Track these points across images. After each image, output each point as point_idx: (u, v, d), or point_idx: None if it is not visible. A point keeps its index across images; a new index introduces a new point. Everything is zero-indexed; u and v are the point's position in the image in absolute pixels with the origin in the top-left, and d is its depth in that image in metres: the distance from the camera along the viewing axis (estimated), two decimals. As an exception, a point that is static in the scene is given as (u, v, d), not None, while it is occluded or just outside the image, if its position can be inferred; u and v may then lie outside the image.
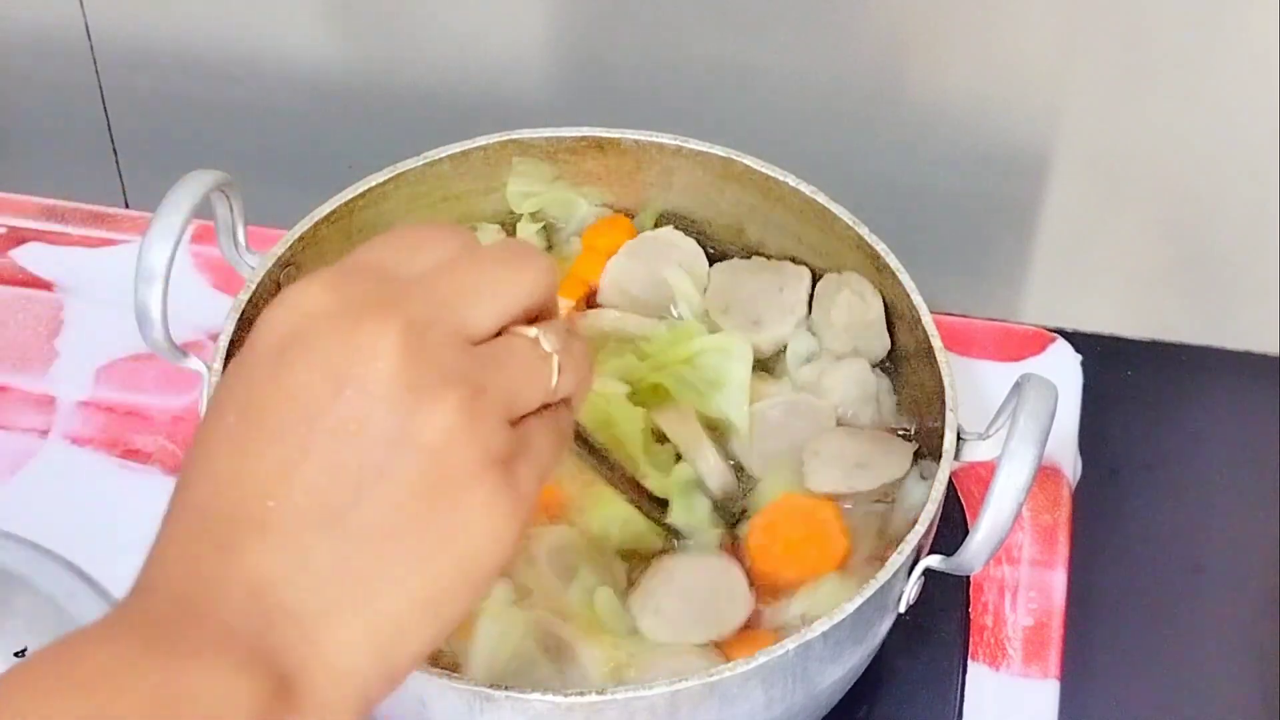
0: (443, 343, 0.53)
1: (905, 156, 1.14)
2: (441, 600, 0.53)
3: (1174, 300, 1.17)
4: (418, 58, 1.16)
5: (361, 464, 0.52)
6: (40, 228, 1.04)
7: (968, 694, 0.87)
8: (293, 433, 0.52)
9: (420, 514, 0.52)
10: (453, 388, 0.52)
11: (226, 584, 0.52)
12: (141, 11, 1.17)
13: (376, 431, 0.52)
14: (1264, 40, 1.02)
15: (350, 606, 0.52)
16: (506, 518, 0.54)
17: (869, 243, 0.84)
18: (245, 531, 0.52)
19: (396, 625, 0.53)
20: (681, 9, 1.10)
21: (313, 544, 0.52)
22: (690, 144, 0.87)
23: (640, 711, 0.70)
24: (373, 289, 0.54)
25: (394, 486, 0.52)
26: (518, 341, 0.55)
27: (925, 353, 0.81)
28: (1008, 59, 1.08)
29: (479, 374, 0.53)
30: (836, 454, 0.82)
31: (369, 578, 0.52)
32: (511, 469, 0.54)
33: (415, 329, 0.52)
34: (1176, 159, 1.10)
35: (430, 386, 0.52)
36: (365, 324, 0.52)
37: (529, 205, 0.90)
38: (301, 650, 0.52)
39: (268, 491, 0.52)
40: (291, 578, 0.52)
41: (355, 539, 0.52)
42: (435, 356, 0.53)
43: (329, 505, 0.52)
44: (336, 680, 0.52)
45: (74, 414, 0.96)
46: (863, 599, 0.72)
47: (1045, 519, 0.93)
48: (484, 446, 0.53)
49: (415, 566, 0.53)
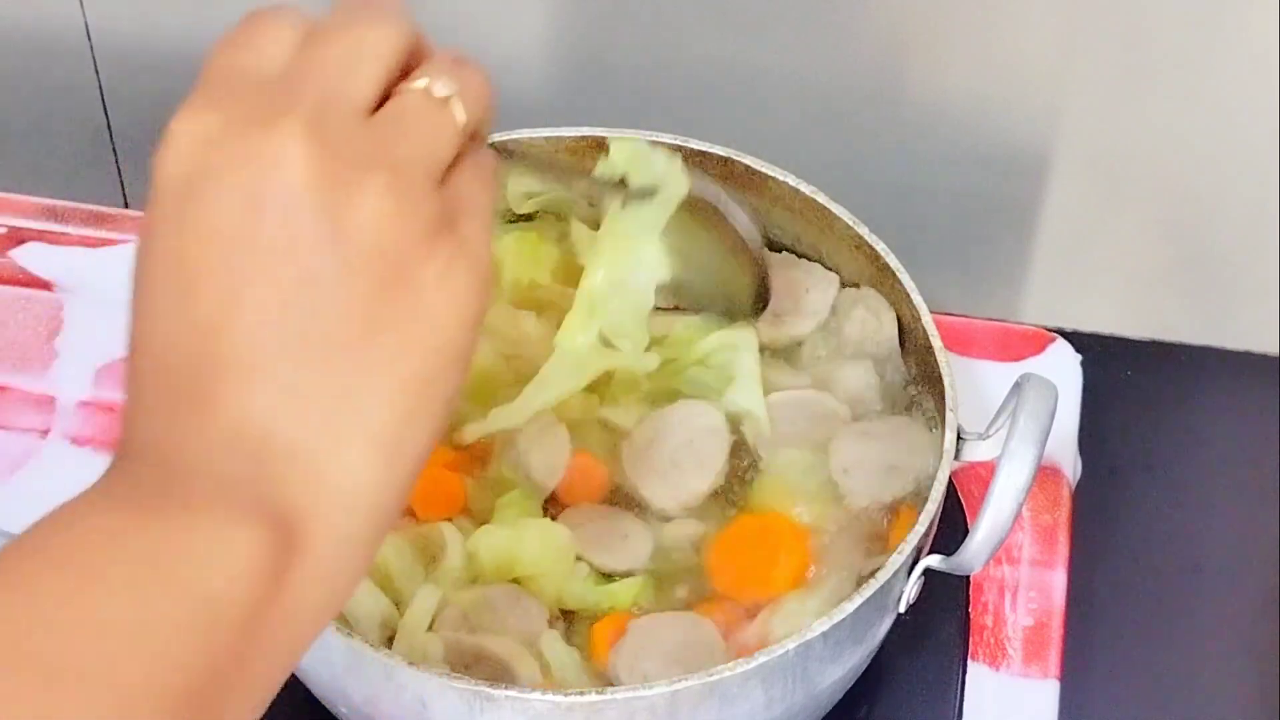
0: (343, 128, 0.51)
1: (905, 156, 1.14)
2: (431, 386, 0.52)
3: (1174, 300, 1.17)
4: (418, 58, 1.16)
5: (306, 277, 0.50)
6: (40, 228, 1.04)
7: (968, 694, 0.87)
8: (229, 266, 0.50)
9: (382, 309, 0.51)
10: (371, 171, 0.50)
11: (208, 435, 0.50)
12: (141, 11, 1.17)
13: (311, 240, 0.50)
14: (1264, 40, 1.02)
15: (344, 425, 0.51)
16: (467, 283, 0.52)
17: (869, 243, 0.84)
18: (213, 377, 0.50)
19: (395, 427, 0.51)
20: (681, 9, 1.10)
21: (285, 372, 0.50)
22: (690, 144, 0.87)
23: (640, 711, 0.70)
24: (253, 98, 0.51)
25: (346, 290, 0.50)
26: (410, 98, 0.53)
27: (925, 353, 0.81)
28: (1008, 59, 1.08)
29: (389, 148, 0.51)
30: (862, 463, 0.82)
31: (353, 390, 0.51)
32: (455, 231, 0.52)
33: (313, 124, 0.50)
34: (1176, 159, 1.10)
35: (349, 177, 0.50)
36: (263, 136, 0.50)
37: (527, 206, 0.90)
38: (306, 487, 0.50)
39: (223, 332, 0.50)
40: (274, 412, 0.50)
41: (326, 354, 0.50)
42: (342, 145, 0.51)
43: (288, 328, 0.50)
44: (349, 507, 0.51)
45: (74, 414, 0.96)
46: (862, 599, 0.72)
47: (1045, 519, 0.93)
48: (421, 220, 0.51)
49: (395, 362, 0.51)
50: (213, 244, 0.50)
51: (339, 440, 0.51)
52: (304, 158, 0.50)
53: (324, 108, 0.51)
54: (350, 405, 0.51)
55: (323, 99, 0.51)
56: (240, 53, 0.54)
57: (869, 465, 0.81)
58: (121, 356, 0.52)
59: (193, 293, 0.50)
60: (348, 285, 0.50)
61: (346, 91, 0.52)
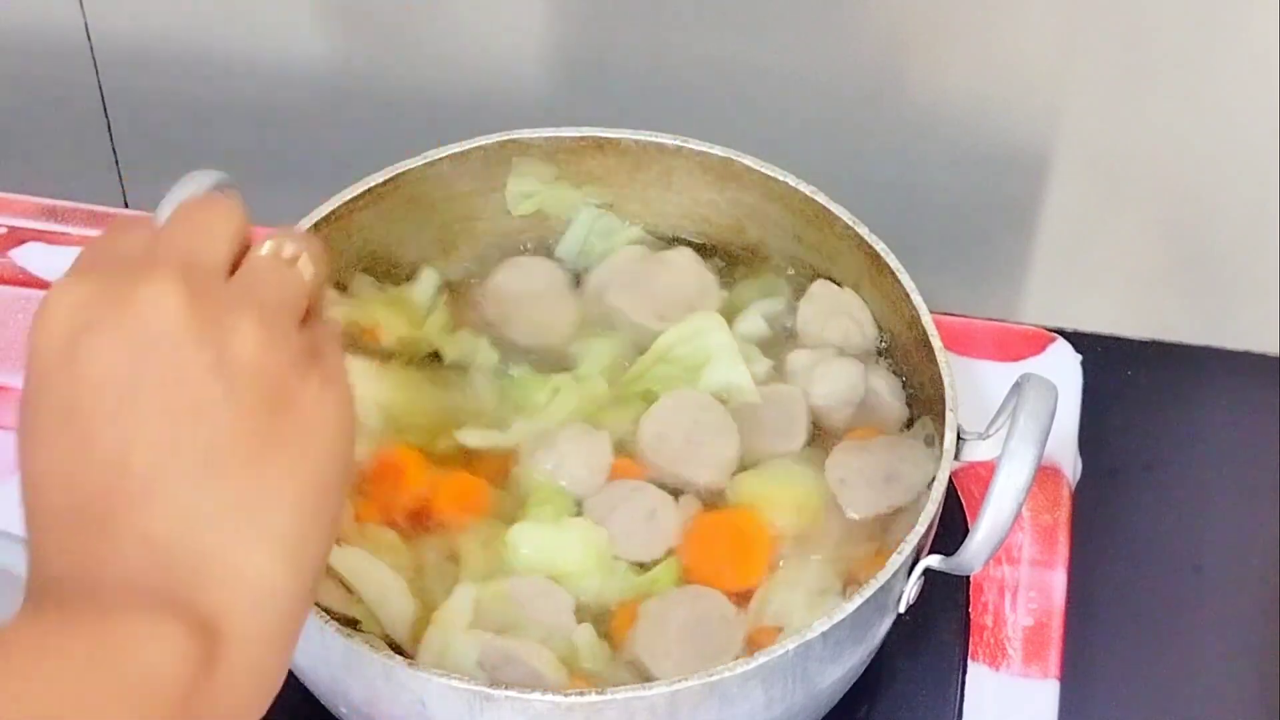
0: (208, 281, 0.56)
1: (905, 156, 1.14)
2: (323, 498, 0.56)
3: (1174, 300, 1.17)
4: (418, 58, 1.16)
5: (198, 404, 0.54)
6: (40, 228, 1.04)
7: (968, 694, 0.87)
8: (124, 408, 0.54)
9: (271, 426, 0.55)
10: (240, 310, 0.56)
11: (122, 552, 0.53)
12: (141, 11, 1.17)
13: (197, 369, 0.54)
14: (1264, 40, 1.02)
15: (250, 531, 0.54)
16: (338, 402, 0.58)
17: (869, 243, 0.84)
18: (120, 506, 0.54)
19: (299, 529, 0.55)
20: (681, 9, 1.10)
21: (189, 491, 0.54)
22: (690, 144, 0.87)
23: (640, 711, 0.70)
24: (124, 264, 0.57)
25: (236, 411, 0.55)
26: (261, 259, 0.59)
27: (925, 353, 0.81)
28: (1008, 59, 1.08)
29: (252, 294, 0.57)
30: (861, 473, 0.82)
31: (256, 500, 0.55)
32: (320, 361, 0.58)
33: (182, 274, 0.55)
34: (1176, 159, 1.10)
35: (222, 315, 0.55)
36: (139, 287, 0.55)
37: (527, 206, 0.90)
38: (222, 588, 0.54)
39: (126, 466, 0.54)
40: (184, 526, 0.54)
41: (226, 471, 0.54)
42: (211, 292, 0.56)
43: (187, 453, 0.54)
44: (264, 603, 0.54)
45: (74, 414, 0.96)
46: (862, 599, 0.72)
47: (1045, 519, 0.93)
48: (291, 350, 0.56)
49: (291, 472, 0.56)
50: (105, 390, 0.54)
51: (248, 545, 0.55)
52: (178, 298, 0.55)
53: (188, 266, 0.56)
54: (255, 513, 0.55)
55: (185, 261, 0.57)
56: (106, 245, 0.59)
57: (864, 474, 0.82)
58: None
59: (91, 437, 0.54)
60: (237, 407, 0.55)
61: (204, 256, 0.57)
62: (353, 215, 0.85)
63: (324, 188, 0.85)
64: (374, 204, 0.86)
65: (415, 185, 0.87)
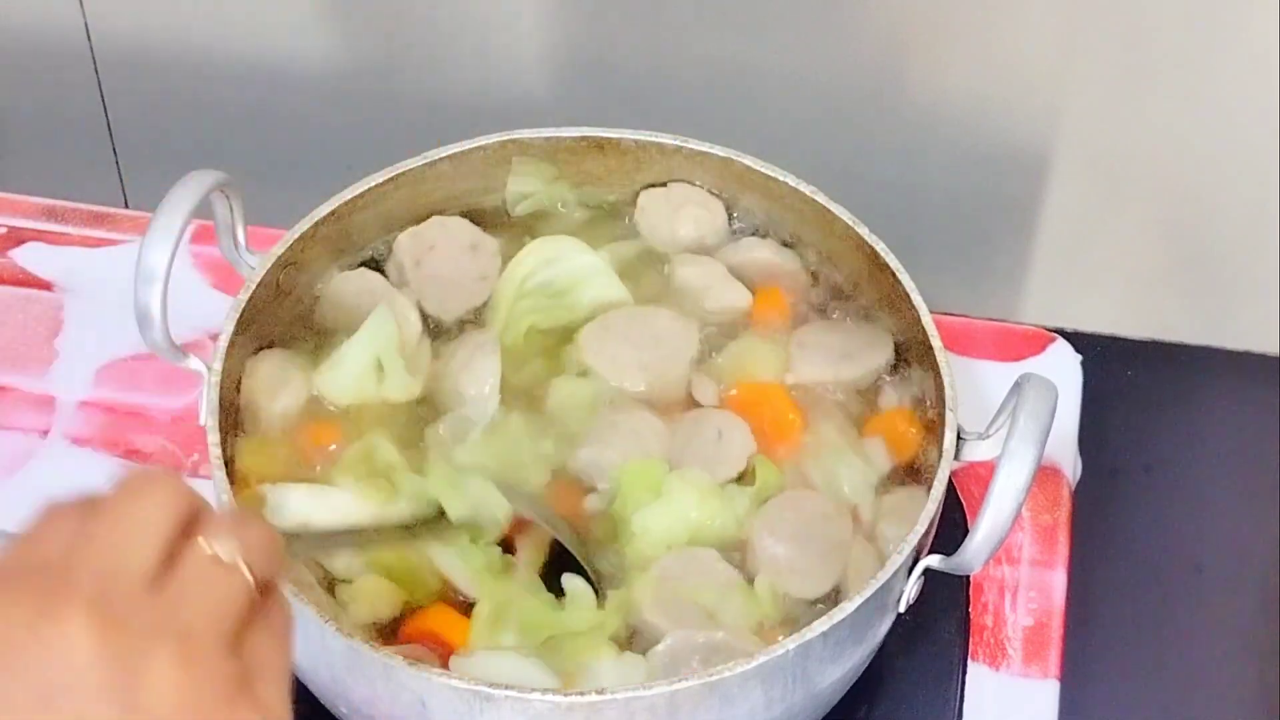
0: (127, 601, 0.51)
1: (905, 156, 1.14)
2: None
3: (1174, 300, 1.17)
4: (418, 58, 1.16)
5: None
6: (40, 228, 1.04)
7: (968, 694, 0.87)
8: None
9: None
10: (159, 641, 0.51)
11: None
12: (141, 11, 1.17)
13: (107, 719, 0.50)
14: (1264, 40, 1.02)
15: None
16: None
17: (869, 243, 0.84)
18: None
19: None
20: (681, 9, 1.10)
21: None
22: (690, 144, 0.87)
23: (640, 711, 0.70)
24: (37, 583, 0.51)
25: None
26: (195, 563, 0.53)
27: (925, 353, 0.81)
28: (1008, 59, 1.08)
29: (176, 615, 0.52)
30: (820, 345, 0.85)
31: None
32: (252, 693, 0.52)
33: (95, 603, 0.51)
34: (1176, 159, 1.10)
35: (137, 650, 0.50)
36: (48, 623, 0.50)
37: (526, 206, 0.90)
38: None
39: None
40: None
41: None
42: (128, 618, 0.51)
43: None
44: None
45: (74, 414, 0.96)
46: (862, 599, 0.72)
47: (1045, 519, 0.93)
48: (215, 686, 0.51)
49: None
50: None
51: None
52: (90, 637, 0.50)
53: (106, 584, 0.51)
54: None
55: (103, 576, 0.51)
56: (24, 545, 0.54)
57: (823, 346, 0.85)
58: (121, 357, 0.52)
59: None
60: None
61: (127, 564, 0.52)
62: (353, 215, 0.85)
63: (324, 188, 0.85)
64: (374, 204, 0.86)
65: (415, 185, 0.87)
